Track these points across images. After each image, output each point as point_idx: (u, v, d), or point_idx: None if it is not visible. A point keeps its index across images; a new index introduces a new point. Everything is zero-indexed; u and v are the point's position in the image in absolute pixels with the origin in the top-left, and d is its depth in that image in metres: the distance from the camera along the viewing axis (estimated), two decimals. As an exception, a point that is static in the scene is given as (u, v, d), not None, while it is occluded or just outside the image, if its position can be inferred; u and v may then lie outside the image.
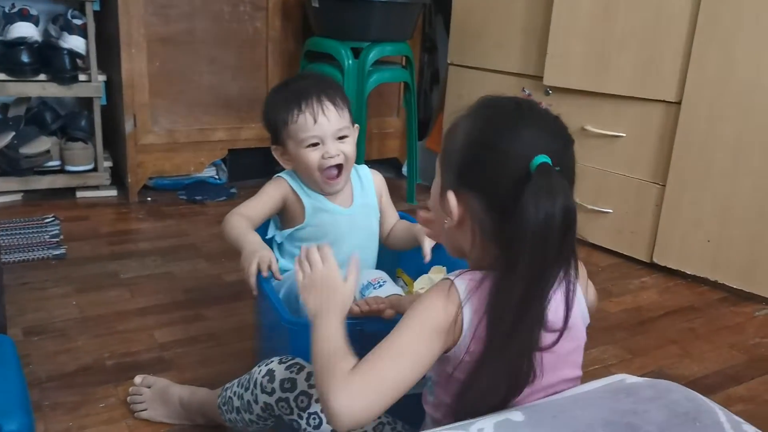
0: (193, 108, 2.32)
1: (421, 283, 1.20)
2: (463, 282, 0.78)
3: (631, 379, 0.84)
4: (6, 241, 1.83)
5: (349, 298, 0.86)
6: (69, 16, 2.20)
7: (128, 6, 2.10)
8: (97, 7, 2.17)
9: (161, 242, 1.96)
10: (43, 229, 1.93)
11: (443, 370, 0.81)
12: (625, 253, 2.01)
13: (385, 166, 2.85)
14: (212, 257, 1.86)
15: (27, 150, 2.16)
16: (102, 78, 2.22)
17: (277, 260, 1.12)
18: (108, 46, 2.25)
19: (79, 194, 2.29)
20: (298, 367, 0.95)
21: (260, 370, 0.97)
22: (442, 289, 0.78)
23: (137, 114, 2.21)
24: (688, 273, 1.86)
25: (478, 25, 2.36)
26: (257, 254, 1.08)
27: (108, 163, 2.32)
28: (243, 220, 1.18)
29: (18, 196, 2.21)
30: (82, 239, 1.93)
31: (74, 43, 2.16)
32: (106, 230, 2.03)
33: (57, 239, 1.88)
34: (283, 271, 1.14)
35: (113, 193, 2.33)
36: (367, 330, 0.95)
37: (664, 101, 1.86)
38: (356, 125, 1.26)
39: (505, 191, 0.74)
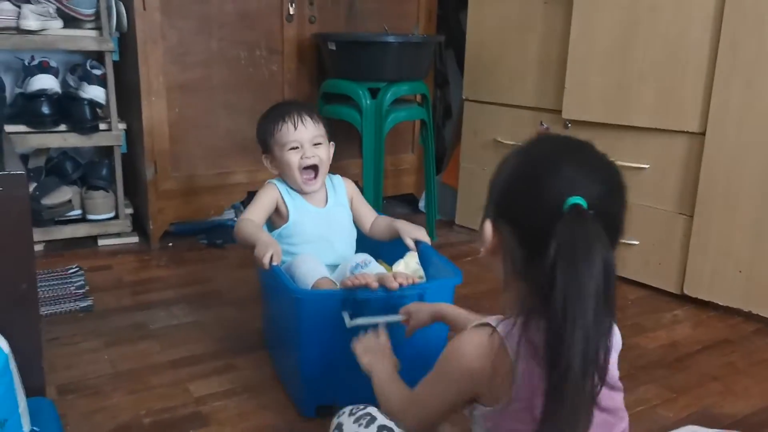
0: (211, 152, 2.32)
1: (397, 267, 1.43)
2: (506, 330, 0.79)
3: (701, 431, 0.82)
4: (32, 294, 1.82)
5: (389, 353, 1.12)
6: (88, 66, 2.22)
7: (147, 56, 2.12)
8: (116, 57, 2.19)
9: (186, 290, 1.95)
10: (68, 281, 1.92)
11: (492, 418, 0.82)
12: (654, 285, 1.99)
13: (401, 202, 2.85)
14: (238, 303, 1.85)
15: (49, 201, 2.16)
16: (122, 127, 2.23)
17: None
18: (127, 95, 2.27)
19: (101, 242, 2.28)
20: (368, 419, 0.91)
21: (332, 423, 0.95)
22: (487, 341, 0.79)
23: (158, 161, 2.22)
24: (720, 304, 1.84)
25: (493, 59, 2.38)
26: (271, 246, 1.34)
27: (129, 210, 2.32)
28: (251, 222, 1.46)
29: (40, 246, 2.20)
30: (107, 289, 1.92)
31: (94, 93, 2.17)
32: (130, 279, 2.02)
33: (83, 290, 1.87)
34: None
35: (134, 239, 2.33)
36: (359, 297, 1.25)
37: (687, 132, 1.85)
38: (332, 142, 1.58)
39: (535, 228, 0.74)
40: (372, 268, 1.39)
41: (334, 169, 2.07)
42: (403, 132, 2.68)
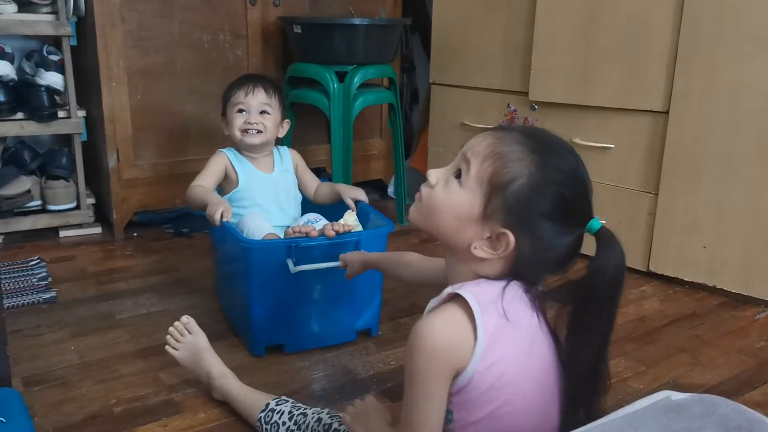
0: (176, 139, 2.28)
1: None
2: (474, 300, 0.81)
3: (677, 395, 0.83)
4: (-9, 287, 1.76)
5: (379, 408, 1.03)
6: (44, 52, 2.15)
7: (106, 39, 2.07)
8: (74, 42, 2.12)
9: (153, 279, 1.91)
10: (30, 272, 1.87)
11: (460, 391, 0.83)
12: (621, 263, 2.02)
13: (370, 188, 2.84)
14: (208, 292, 1.81)
15: (6, 191, 2.09)
16: (82, 114, 2.17)
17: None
18: (86, 81, 2.21)
19: (63, 233, 2.22)
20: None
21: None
22: (457, 317, 0.82)
23: (120, 148, 2.16)
24: (686, 280, 1.88)
25: (459, 43, 2.38)
26: (221, 205, 1.46)
27: (91, 200, 2.26)
28: (201, 187, 1.60)
29: (-2, 239, 2.14)
30: (70, 280, 1.87)
31: (51, 79, 2.11)
32: (94, 269, 1.97)
33: (45, 282, 1.81)
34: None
35: (97, 230, 2.27)
36: (301, 245, 1.39)
37: (651, 111, 1.88)
38: (287, 120, 1.74)
39: (567, 241, 0.83)
40: (322, 223, 1.54)
41: (302, 154, 2.03)
42: (371, 117, 2.67)
